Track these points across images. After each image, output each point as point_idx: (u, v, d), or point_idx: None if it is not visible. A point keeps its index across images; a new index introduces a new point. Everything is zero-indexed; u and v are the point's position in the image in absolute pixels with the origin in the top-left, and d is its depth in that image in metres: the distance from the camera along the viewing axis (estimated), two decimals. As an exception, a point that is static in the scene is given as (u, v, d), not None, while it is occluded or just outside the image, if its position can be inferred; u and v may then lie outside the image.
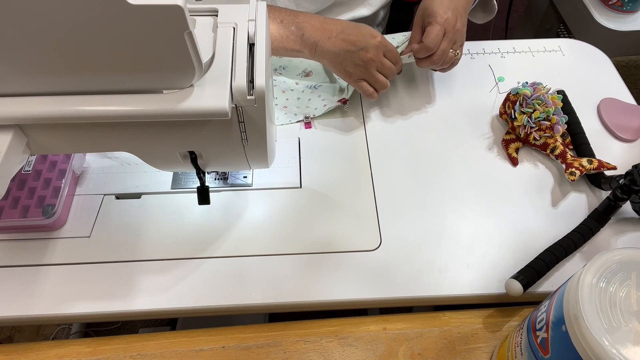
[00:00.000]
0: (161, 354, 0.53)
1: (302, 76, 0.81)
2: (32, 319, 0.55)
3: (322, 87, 0.78)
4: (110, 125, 0.45)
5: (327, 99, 0.76)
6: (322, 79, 0.80)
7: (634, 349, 0.34)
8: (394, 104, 0.78)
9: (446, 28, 0.68)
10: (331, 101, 0.75)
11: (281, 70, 0.81)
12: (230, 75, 0.43)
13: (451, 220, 0.64)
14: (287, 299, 0.57)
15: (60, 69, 0.38)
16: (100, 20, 0.35)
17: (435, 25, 0.68)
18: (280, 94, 0.78)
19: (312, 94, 0.77)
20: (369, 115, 0.76)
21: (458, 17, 0.70)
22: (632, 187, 0.58)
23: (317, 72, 0.81)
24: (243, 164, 0.53)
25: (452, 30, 0.69)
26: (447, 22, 0.68)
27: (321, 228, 0.63)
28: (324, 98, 0.76)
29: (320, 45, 0.69)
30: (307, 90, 0.78)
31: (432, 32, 0.68)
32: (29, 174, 0.63)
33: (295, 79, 0.80)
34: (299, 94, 0.78)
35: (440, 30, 0.68)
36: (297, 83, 0.79)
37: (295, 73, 0.81)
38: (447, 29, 0.69)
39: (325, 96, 0.77)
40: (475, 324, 0.56)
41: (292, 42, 0.70)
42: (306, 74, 0.81)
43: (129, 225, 0.63)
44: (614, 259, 0.39)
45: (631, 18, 1.17)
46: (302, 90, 0.78)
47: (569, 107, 0.74)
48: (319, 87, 0.79)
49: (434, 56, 0.69)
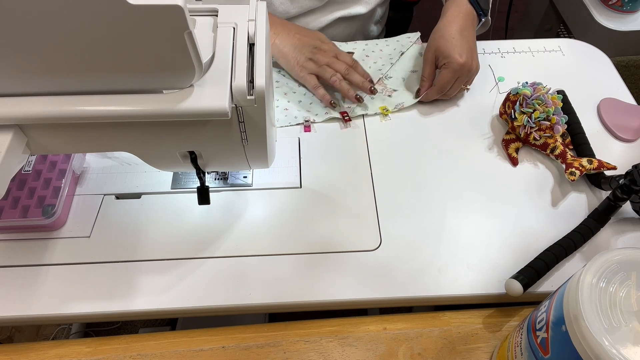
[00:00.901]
0: (161, 354, 0.53)
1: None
2: (32, 319, 0.55)
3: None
4: (110, 125, 0.45)
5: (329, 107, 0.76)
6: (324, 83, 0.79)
7: (634, 349, 0.34)
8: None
9: (461, 73, 0.72)
10: (334, 111, 0.75)
11: (284, 72, 0.81)
12: (230, 75, 0.43)
13: (451, 220, 0.64)
14: (287, 299, 0.57)
15: (61, 69, 0.38)
16: (101, 20, 0.35)
17: (450, 70, 0.71)
18: (282, 96, 0.78)
19: (314, 98, 0.77)
20: (369, 116, 0.76)
21: (473, 57, 0.73)
22: (632, 187, 0.58)
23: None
24: (243, 164, 0.53)
25: (466, 73, 0.73)
26: (462, 68, 0.71)
27: (321, 228, 0.63)
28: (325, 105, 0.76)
29: (280, 38, 0.73)
30: (308, 94, 0.78)
31: (446, 77, 0.72)
32: (29, 174, 0.63)
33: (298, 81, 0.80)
34: (301, 96, 0.78)
35: (454, 75, 0.72)
36: (299, 85, 0.79)
37: None
38: (463, 73, 0.72)
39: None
40: (475, 324, 0.56)
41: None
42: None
43: (129, 225, 0.63)
44: (614, 259, 0.39)
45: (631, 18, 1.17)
46: (304, 93, 0.78)
47: (569, 107, 0.74)
48: None
49: (446, 93, 0.74)
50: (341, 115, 0.74)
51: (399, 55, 0.84)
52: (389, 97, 0.78)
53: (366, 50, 0.85)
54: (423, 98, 0.75)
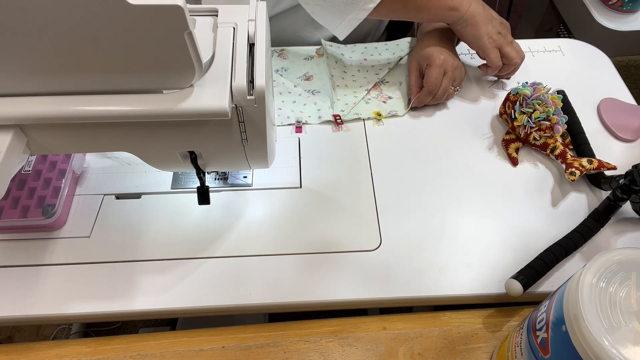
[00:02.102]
0: (161, 354, 0.53)
1: (302, 79, 0.81)
2: (32, 319, 0.55)
3: (320, 94, 0.78)
4: (110, 125, 0.45)
5: (323, 109, 0.76)
6: (321, 85, 0.80)
7: (634, 349, 0.34)
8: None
9: (445, 68, 0.73)
10: (327, 113, 0.75)
11: (282, 71, 0.81)
12: (230, 75, 0.43)
13: (451, 220, 0.64)
14: (287, 299, 0.57)
15: (61, 69, 0.38)
16: (101, 21, 0.35)
17: (435, 67, 0.73)
18: (277, 95, 0.78)
19: (309, 99, 0.77)
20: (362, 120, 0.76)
21: (454, 56, 0.75)
22: (632, 187, 0.58)
23: (317, 77, 0.81)
24: (243, 164, 0.53)
25: (451, 69, 0.74)
26: (445, 62, 0.73)
27: (321, 228, 0.63)
28: (319, 107, 0.76)
29: (474, 6, 0.73)
30: (304, 94, 0.78)
31: (432, 74, 0.73)
32: (29, 174, 0.63)
33: (294, 81, 0.80)
34: (296, 97, 0.78)
35: (440, 71, 0.73)
36: (295, 86, 0.79)
37: (296, 75, 0.81)
38: (447, 68, 0.73)
39: (321, 105, 0.77)
40: (475, 324, 0.56)
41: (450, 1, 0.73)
42: (307, 77, 0.81)
43: (129, 225, 0.63)
44: (614, 259, 0.39)
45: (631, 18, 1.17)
46: (299, 93, 0.78)
47: (569, 107, 0.74)
48: (316, 93, 0.79)
49: (436, 95, 0.74)
50: (334, 118, 0.75)
51: (397, 59, 0.84)
52: (383, 103, 0.78)
53: (365, 54, 0.85)
54: (415, 103, 0.76)
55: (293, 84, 0.79)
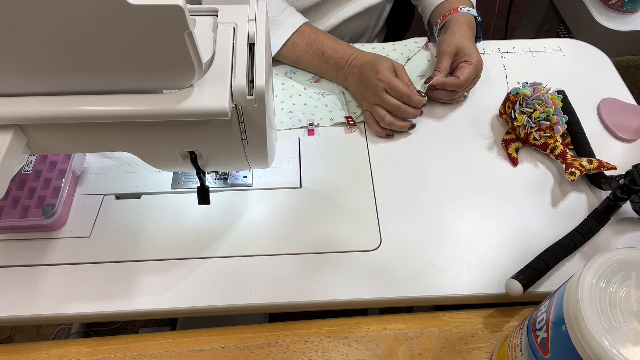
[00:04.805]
0: (161, 354, 0.53)
1: (311, 82, 0.80)
2: (32, 319, 0.55)
3: (330, 97, 0.78)
4: (110, 125, 0.45)
5: (335, 111, 0.76)
6: (330, 87, 0.80)
7: (634, 349, 0.34)
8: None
9: (478, 70, 0.75)
10: (339, 115, 0.75)
11: (291, 74, 0.81)
12: (230, 75, 0.43)
13: (451, 220, 0.64)
14: (287, 299, 0.57)
15: (61, 68, 0.38)
16: (101, 20, 0.35)
17: (473, 67, 0.74)
18: (288, 98, 0.78)
19: (319, 101, 0.77)
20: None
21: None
22: (632, 187, 0.58)
23: (326, 79, 0.81)
24: (243, 164, 0.53)
25: (480, 72, 0.76)
26: (479, 64, 0.75)
27: (321, 228, 0.63)
28: (331, 110, 0.76)
29: (349, 79, 0.76)
30: (314, 96, 0.78)
31: (471, 73, 0.73)
32: (29, 174, 0.63)
33: (304, 84, 0.80)
34: (306, 99, 0.78)
35: (475, 73, 0.74)
36: (305, 88, 0.79)
37: (305, 78, 0.81)
38: (479, 70, 0.75)
39: (333, 107, 0.76)
40: (475, 324, 0.56)
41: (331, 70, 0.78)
42: (315, 80, 0.81)
43: (129, 225, 0.63)
44: (614, 259, 0.39)
45: (631, 18, 1.17)
46: (310, 96, 0.78)
47: (569, 107, 0.74)
48: (326, 96, 0.78)
49: (457, 93, 0.75)
50: (346, 120, 0.74)
51: (406, 60, 0.83)
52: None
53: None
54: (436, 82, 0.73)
55: (302, 87, 0.79)
